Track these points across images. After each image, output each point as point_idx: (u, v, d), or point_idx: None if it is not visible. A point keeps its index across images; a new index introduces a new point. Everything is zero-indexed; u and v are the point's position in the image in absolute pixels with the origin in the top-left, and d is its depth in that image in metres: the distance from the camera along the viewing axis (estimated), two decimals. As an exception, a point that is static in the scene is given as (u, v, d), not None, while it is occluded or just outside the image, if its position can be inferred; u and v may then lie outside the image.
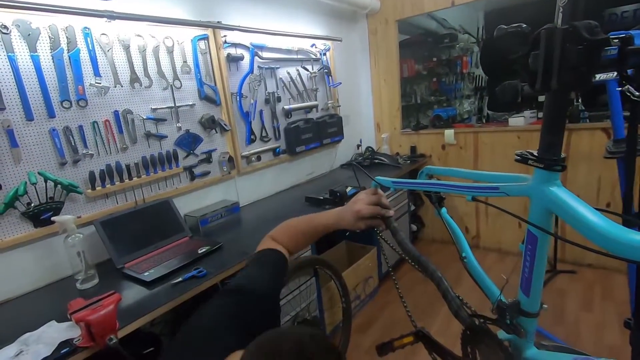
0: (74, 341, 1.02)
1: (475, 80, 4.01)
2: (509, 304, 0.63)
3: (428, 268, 0.73)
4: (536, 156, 0.58)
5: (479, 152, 2.94)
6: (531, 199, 0.57)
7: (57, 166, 1.44)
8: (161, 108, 1.78)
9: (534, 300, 0.62)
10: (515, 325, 0.63)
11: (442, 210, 0.82)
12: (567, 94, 0.52)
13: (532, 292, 0.61)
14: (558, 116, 0.55)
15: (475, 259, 0.73)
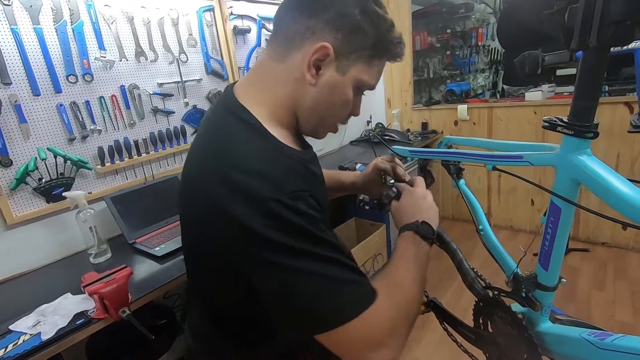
0: (89, 313, 1.04)
1: (491, 53, 3.85)
2: (526, 277, 0.61)
3: (444, 239, 0.71)
4: (566, 122, 0.54)
5: (493, 128, 2.86)
6: (557, 168, 0.54)
7: (66, 142, 1.44)
8: (168, 83, 1.75)
9: (552, 274, 0.60)
10: (530, 299, 0.61)
11: (460, 182, 0.79)
12: (606, 53, 0.47)
13: (552, 265, 0.59)
14: (594, 79, 0.50)
15: (492, 232, 0.71)
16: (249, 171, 0.49)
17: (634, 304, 2.00)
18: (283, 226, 0.46)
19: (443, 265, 2.72)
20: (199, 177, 0.53)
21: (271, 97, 0.57)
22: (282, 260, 0.46)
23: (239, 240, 0.47)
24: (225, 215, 0.47)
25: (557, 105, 2.54)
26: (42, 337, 0.94)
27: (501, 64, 3.79)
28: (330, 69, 0.55)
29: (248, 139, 0.53)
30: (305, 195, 0.49)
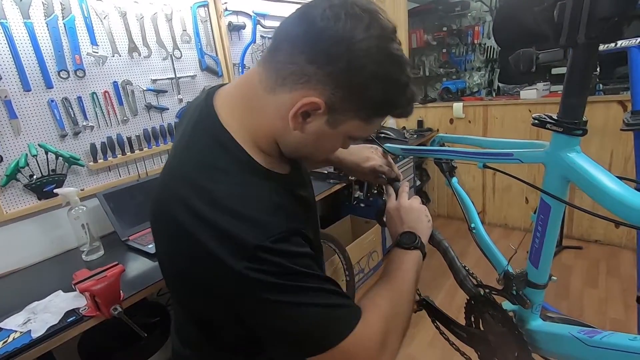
0: (80, 310, 1.03)
1: (487, 51, 3.85)
2: (516, 275, 0.62)
3: (435, 238, 0.71)
4: (555, 119, 0.54)
5: (489, 126, 2.87)
6: (546, 166, 0.54)
7: (58, 138, 1.42)
8: (161, 79, 1.73)
9: (542, 272, 0.60)
10: (521, 296, 0.61)
11: (452, 180, 0.79)
12: (594, 50, 0.47)
13: (542, 263, 0.59)
14: (583, 76, 0.50)
15: (484, 230, 0.71)
16: (232, 213, 0.47)
17: (625, 301, 2.02)
18: (269, 269, 0.47)
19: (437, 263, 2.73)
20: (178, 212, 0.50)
21: (255, 124, 0.53)
22: (269, 296, 0.47)
23: (225, 280, 0.48)
24: (210, 258, 0.47)
25: (552, 103, 2.55)
26: (32, 335, 0.93)
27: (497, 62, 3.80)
28: (319, 120, 0.51)
29: (231, 173, 0.51)
30: (288, 237, 0.49)
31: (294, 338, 0.49)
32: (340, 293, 0.52)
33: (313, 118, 0.50)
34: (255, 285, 0.46)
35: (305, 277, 0.49)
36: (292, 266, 0.48)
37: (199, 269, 0.49)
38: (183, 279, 0.55)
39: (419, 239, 0.67)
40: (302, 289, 0.48)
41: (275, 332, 0.50)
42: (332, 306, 0.50)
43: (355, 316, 0.51)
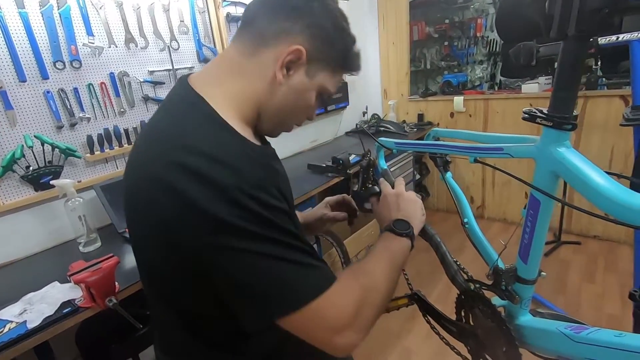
0: (76, 301, 1.04)
1: (490, 44, 3.81)
2: (505, 270, 0.61)
3: (427, 232, 0.71)
4: (545, 114, 0.54)
5: (489, 120, 2.85)
6: (536, 160, 0.53)
7: (54, 129, 1.42)
8: (159, 70, 1.73)
9: (531, 268, 0.60)
10: (510, 292, 0.61)
11: (447, 175, 0.79)
12: (585, 43, 0.46)
13: (531, 259, 0.58)
14: (573, 69, 0.49)
15: (477, 225, 0.71)
16: (208, 156, 0.47)
17: (622, 297, 2.02)
18: (246, 214, 0.46)
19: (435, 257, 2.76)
20: (151, 166, 0.50)
21: (237, 90, 0.56)
22: (245, 245, 0.46)
23: (199, 226, 0.46)
24: (184, 203, 0.46)
25: (553, 97, 2.52)
26: (28, 326, 0.94)
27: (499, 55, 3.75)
28: (300, 72, 0.57)
29: (205, 125, 0.52)
30: (266, 185, 0.49)
31: (262, 294, 0.47)
32: (315, 255, 0.51)
33: (295, 71, 0.56)
34: (231, 231, 0.45)
35: (281, 231, 0.48)
36: (268, 216, 0.47)
37: (176, 225, 0.47)
38: (160, 249, 0.52)
39: (411, 229, 0.67)
40: (277, 242, 0.47)
41: (244, 288, 0.48)
42: (306, 265, 0.49)
43: (329, 278, 0.50)
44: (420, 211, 0.72)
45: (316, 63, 0.57)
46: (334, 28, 0.58)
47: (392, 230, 0.66)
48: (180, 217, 0.47)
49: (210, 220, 0.45)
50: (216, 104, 0.54)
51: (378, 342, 1.90)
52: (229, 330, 0.57)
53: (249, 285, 0.48)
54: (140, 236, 0.57)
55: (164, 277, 0.56)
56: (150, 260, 0.57)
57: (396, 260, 0.62)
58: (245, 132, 0.56)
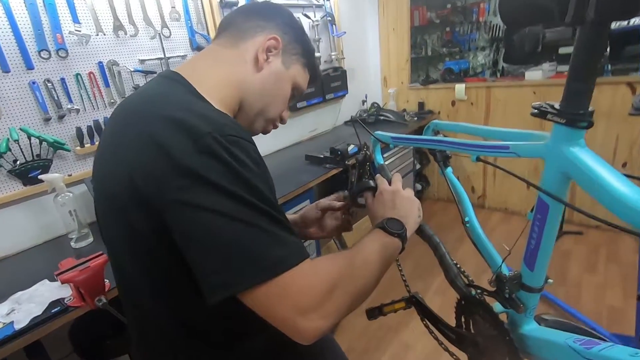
0: (65, 300, 1.01)
1: (492, 30, 3.70)
2: (509, 277, 0.57)
3: (426, 232, 0.67)
4: (557, 109, 0.49)
5: (491, 109, 2.79)
6: (546, 161, 0.49)
7: (41, 122, 1.37)
8: (150, 59, 1.66)
9: (538, 275, 0.56)
10: (514, 300, 0.57)
11: (447, 170, 0.75)
12: (605, 28, 0.42)
13: (537, 265, 0.54)
14: (591, 58, 0.44)
15: (478, 225, 0.66)
16: (187, 109, 0.49)
17: (624, 288, 1.99)
18: (218, 165, 0.44)
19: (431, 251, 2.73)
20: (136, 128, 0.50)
21: (220, 76, 0.59)
22: (211, 202, 0.43)
23: (167, 176, 0.44)
24: (157, 149, 0.45)
25: (558, 85, 2.45)
26: (15, 327, 0.92)
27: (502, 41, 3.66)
28: (277, 60, 0.64)
29: (187, 95, 0.54)
30: (245, 143, 0.48)
31: (224, 262, 0.43)
32: (290, 230, 0.48)
33: (273, 58, 0.63)
34: (198, 181, 0.43)
35: (255, 193, 0.45)
36: (244, 174, 0.45)
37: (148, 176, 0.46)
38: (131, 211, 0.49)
39: (405, 229, 0.63)
40: (248, 205, 0.44)
41: (204, 252, 0.44)
42: (277, 236, 0.45)
43: (301, 254, 0.46)
44: (416, 211, 0.68)
45: (290, 56, 0.65)
46: (301, 31, 0.68)
47: (383, 228, 0.62)
48: (152, 167, 0.45)
49: (179, 170, 0.44)
50: (200, 88, 0.55)
51: (375, 336, 1.89)
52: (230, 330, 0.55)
53: (209, 250, 0.44)
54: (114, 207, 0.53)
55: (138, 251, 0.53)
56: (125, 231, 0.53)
57: (382, 255, 0.58)
58: None
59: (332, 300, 0.46)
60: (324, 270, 0.48)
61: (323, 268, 0.49)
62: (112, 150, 0.54)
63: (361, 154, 0.89)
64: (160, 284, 0.54)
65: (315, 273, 0.47)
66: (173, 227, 0.46)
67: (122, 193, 0.49)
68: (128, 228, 0.51)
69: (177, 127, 0.46)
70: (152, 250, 0.50)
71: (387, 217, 0.65)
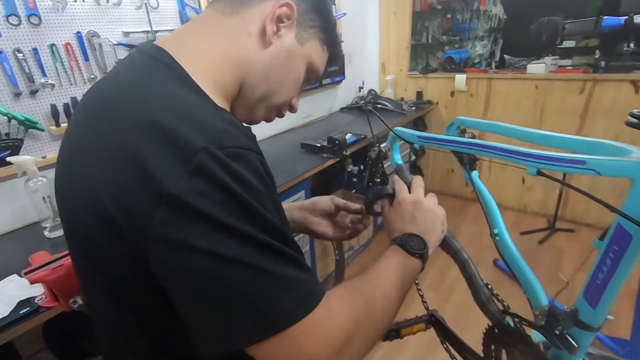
0: (36, 300, 0.90)
1: (491, 20, 3.61)
2: (567, 314, 0.50)
3: (452, 247, 0.59)
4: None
5: (491, 101, 2.72)
6: (635, 182, 0.40)
7: (11, 97, 1.23)
8: (135, 32, 1.51)
9: (600, 313, 0.48)
10: (566, 338, 0.50)
11: (472, 174, 0.66)
12: None
13: (602, 303, 0.47)
14: None
15: (510, 240, 0.58)
16: (175, 109, 0.37)
17: (616, 288, 2.00)
18: (215, 191, 0.34)
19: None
20: (102, 128, 0.39)
21: (216, 52, 0.47)
22: (208, 238, 0.34)
23: (148, 202, 0.34)
24: (137, 168, 0.35)
25: (560, 80, 2.40)
26: (-23, 330, 0.81)
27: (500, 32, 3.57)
28: (290, 34, 0.50)
29: (173, 84, 0.41)
30: (250, 156, 0.37)
31: (222, 314, 0.35)
32: (300, 261, 0.39)
33: (284, 32, 0.50)
34: (188, 216, 0.33)
35: (260, 223, 0.36)
36: (246, 198, 0.35)
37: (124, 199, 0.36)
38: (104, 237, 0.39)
39: (427, 249, 0.56)
40: (251, 241, 0.35)
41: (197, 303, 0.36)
42: (286, 277, 0.37)
43: (314, 297, 0.38)
44: (439, 226, 0.60)
45: (306, 29, 0.52)
46: (322, 1, 0.54)
47: (403, 246, 0.54)
48: (129, 191, 0.35)
49: (164, 198, 0.33)
50: (189, 68, 0.43)
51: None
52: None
53: (203, 301, 0.35)
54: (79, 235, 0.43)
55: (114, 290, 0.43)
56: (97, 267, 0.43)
57: (403, 285, 0.51)
58: (221, 106, 0.45)
59: (349, 349, 0.39)
60: (341, 317, 0.40)
61: (340, 313, 0.40)
62: (76, 159, 0.42)
63: (374, 151, 0.80)
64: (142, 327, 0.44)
65: (331, 320, 0.39)
66: (156, 268, 0.36)
67: (88, 219, 0.39)
68: (100, 264, 0.41)
69: (162, 138, 0.35)
70: (130, 292, 0.41)
71: (406, 232, 0.57)
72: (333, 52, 0.57)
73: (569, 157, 0.41)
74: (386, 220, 0.63)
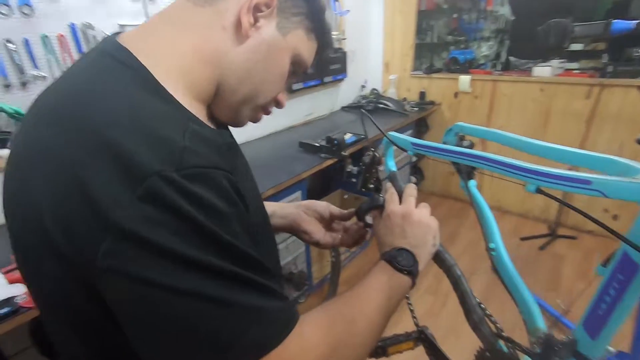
0: (16, 300, 0.88)
1: (498, 20, 3.56)
2: (564, 344, 0.47)
3: (446, 261, 0.56)
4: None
5: (495, 103, 2.67)
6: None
7: (0, 88, 1.20)
8: (132, 25, 1.47)
9: (600, 345, 0.44)
10: (564, 369, 0.46)
11: (470, 183, 0.63)
12: None
13: (603, 335, 0.43)
14: None
15: (507, 256, 0.54)
16: (131, 127, 0.33)
17: (616, 298, 1.96)
18: (168, 219, 0.31)
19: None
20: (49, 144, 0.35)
21: (186, 47, 0.41)
22: (160, 271, 0.31)
23: (93, 230, 0.31)
24: (80, 192, 0.31)
25: (566, 84, 2.35)
26: (-48, 331, 0.78)
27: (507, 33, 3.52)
28: (270, 24, 0.45)
29: (133, 87, 0.37)
30: (214, 175, 0.34)
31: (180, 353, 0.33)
32: (271, 287, 0.36)
33: (264, 22, 0.44)
34: (141, 247, 0.30)
35: (225, 252, 0.33)
36: (205, 225, 0.32)
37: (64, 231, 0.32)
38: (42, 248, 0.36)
39: (416, 264, 0.53)
40: (215, 274, 0.32)
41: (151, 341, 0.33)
42: (253, 310, 0.34)
43: (286, 325, 0.36)
44: (431, 240, 0.56)
45: (289, 18, 0.46)
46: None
47: (391, 262, 0.52)
48: (74, 217, 0.32)
49: (109, 227, 0.30)
50: (154, 67, 0.38)
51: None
52: None
53: (158, 338, 0.32)
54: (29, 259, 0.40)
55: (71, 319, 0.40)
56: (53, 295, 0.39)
57: (389, 305, 0.48)
58: (194, 108, 0.40)
59: None
60: (317, 345, 0.37)
61: (315, 341, 0.37)
62: (22, 175, 0.38)
63: (367, 156, 0.76)
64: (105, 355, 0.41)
65: (305, 351, 0.36)
66: (109, 301, 0.33)
67: (35, 244, 0.35)
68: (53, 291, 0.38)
69: (109, 158, 0.31)
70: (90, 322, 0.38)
71: (395, 246, 0.54)
72: (322, 40, 0.52)
73: (573, 176, 0.37)
74: (376, 233, 0.60)
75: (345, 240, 0.70)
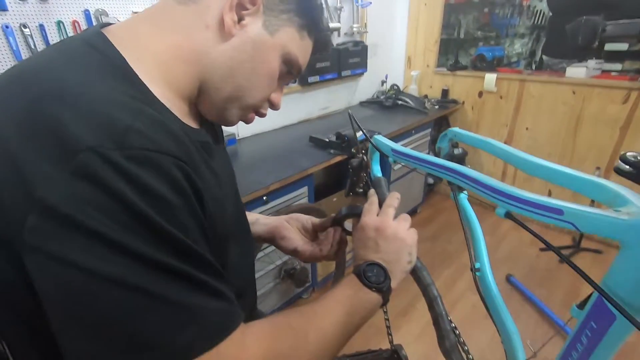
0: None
1: (535, 16, 3.36)
2: None
3: (422, 280, 0.52)
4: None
5: (522, 105, 2.53)
6: (624, 246, 0.31)
7: (15, 72, 1.23)
8: (145, 12, 1.48)
9: None
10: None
11: (460, 195, 0.58)
12: None
13: None
14: None
15: (492, 278, 0.49)
16: (76, 103, 0.32)
17: None
18: (99, 198, 0.29)
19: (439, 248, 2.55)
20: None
21: (167, 44, 0.41)
22: (84, 253, 0.29)
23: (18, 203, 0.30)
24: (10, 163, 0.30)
25: (602, 87, 2.18)
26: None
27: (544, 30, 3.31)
28: (256, 22, 0.44)
29: (98, 71, 0.36)
30: (162, 160, 0.32)
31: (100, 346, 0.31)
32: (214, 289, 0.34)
33: (249, 20, 0.43)
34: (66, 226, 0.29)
35: (160, 241, 0.31)
36: (141, 208, 0.30)
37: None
38: None
39: (387, 281, 0.49)
40: (143, 261, 0.30)
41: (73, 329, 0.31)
42: (187, 307, 0.32)
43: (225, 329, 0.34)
44: (406, 256, 0.53)
45: (276, 15, 0.44)
46: None
47: (360, 277, 0.49)
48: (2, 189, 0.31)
49: (34, 202, 0.29)
50: (133, 59, 0.38)
51: (363, 340, 1.78)
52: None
53: (77, 326, 0.30)
54: None
55: None
56: None
57: (349, 321, 0.45)
58: (171, 103, 0.39)
59: None
60: (256, 355, 0.35)
61: (255, 351, 0.35)
62: None
63: (356, 159, 0.73)
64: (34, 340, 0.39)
65: (244, 355, 0.34)
66: (33, 281, 0.31)
67: None
68: None
69: (44, 131, 0.30)
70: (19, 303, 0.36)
71: (368, 260, 0.51)
72: (319, 38, 0.50)
73: (544, 203, 0.32)
74: (353, 244, 0.57)
75: (326, 247, 0.67)
